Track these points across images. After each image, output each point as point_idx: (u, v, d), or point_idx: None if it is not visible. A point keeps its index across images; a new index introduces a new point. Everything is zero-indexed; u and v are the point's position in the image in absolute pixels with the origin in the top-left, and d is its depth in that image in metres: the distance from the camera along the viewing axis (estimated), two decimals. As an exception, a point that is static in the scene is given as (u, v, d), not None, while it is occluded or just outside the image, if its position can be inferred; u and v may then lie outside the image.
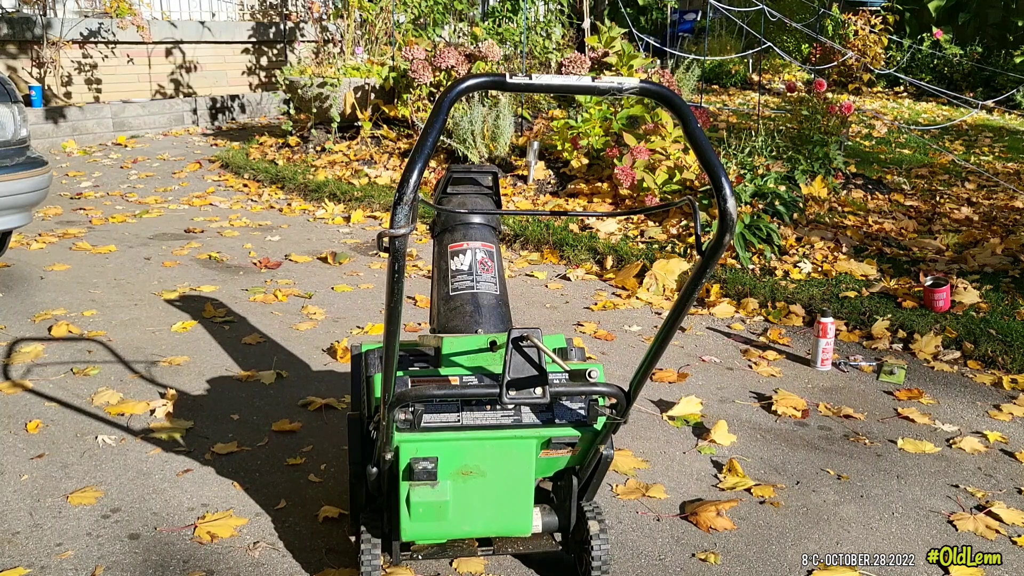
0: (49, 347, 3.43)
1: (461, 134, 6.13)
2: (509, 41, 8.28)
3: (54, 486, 2.47)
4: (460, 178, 2.29)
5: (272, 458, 2.65)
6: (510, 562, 2.17)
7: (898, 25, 12.27)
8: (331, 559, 2.17)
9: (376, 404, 1.81)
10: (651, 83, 1.41)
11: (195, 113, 8.81)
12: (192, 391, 3.09)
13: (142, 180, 6.57)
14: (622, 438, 2.80)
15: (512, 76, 1.36)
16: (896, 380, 3.33)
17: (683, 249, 4.56)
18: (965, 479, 2.64)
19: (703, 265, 1.52)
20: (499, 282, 2.21)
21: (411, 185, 1.31)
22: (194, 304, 3.96)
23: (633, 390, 1.76)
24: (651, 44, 10.01)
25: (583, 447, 1.90)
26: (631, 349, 3.58)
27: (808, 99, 5.74)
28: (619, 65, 6.41)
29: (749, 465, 2.69)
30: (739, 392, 3.22)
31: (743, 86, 12.01)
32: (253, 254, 4.77)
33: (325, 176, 6.31)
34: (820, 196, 5.38)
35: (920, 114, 9.81)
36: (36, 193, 3.99)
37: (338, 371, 3.29)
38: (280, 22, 9.73)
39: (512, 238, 5.04)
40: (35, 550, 2.18)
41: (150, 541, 2.23)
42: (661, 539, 2.29)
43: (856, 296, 3.98)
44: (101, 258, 4.63)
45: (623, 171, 5.17)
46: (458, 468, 1.82)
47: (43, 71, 7.93)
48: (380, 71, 7.07)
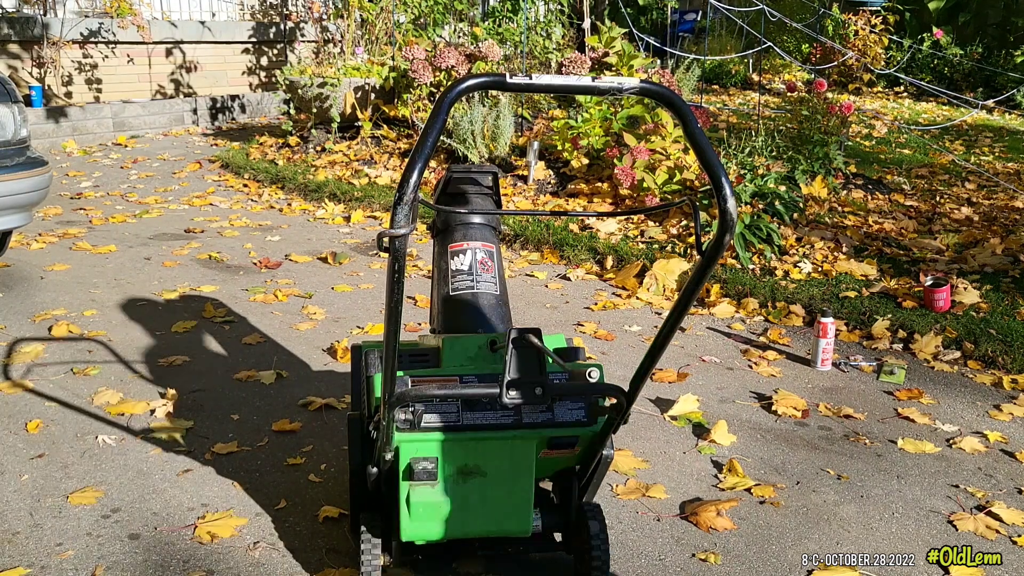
0: (49, 347, 3.44)
1: (461, 134, 6.13)
2: (509, 41, 8.27)
3: (54, 486, 2.47)
4: (460, 178, 2.30)
5: (272, 458, 2.65)
6: (510, 562, 2.17)
7: (898, 25, 12.26)
8: (331, 559, 2.17)
9: (376, 404, 1.81)
10: (651, 83, 1.41)
11: (195, 113, 8.81)
12: (192, 391, 3.09)
13: (142, 180, 6.58)
14: (622, 438, 2.80)
15: (512, 76, 1.36)
16: (896, 380, 3.33)
17: (683, 249, 4.56)
18: (965, 479, 2.64)
19: (703, 265, 1.52)
20: (499, 282, 2.21)
21: (411, 185, 1.31)
22: (194, 304, 3.96)
23: (633, 390, 1.76)
24: (651, 44, 10.00)
25: (583, 447, 1.90)
26: (631, 349, 3.58)
27: (808, 99, 5.74)
28: (619, 65, 6.41)
29: (749, 465, 2.69)
30: (739, 392, 3.22)
31: (743, 86, 12.01)
32: (253, 254, 4.77)
33: (325, 176, 6.31)
34: (820, 196, 5.38)
35: (920, 114, 9.81)
36: (36, 193, 3.99)
37: (338, 371, 3.29)
38: (280, 22, 9.73)
39: (512, 238, 5.04)
40: (35, 550, 2.18)
41: (150, 541, 2.23)
42: (661, 539, 2.29)
43: (856, 296, 3.98)
44: (101, 258, 4.63)
45: (623, 171, 5.17)
46: (458, 468, 1.82)
47: (43, 71, 7.93)
48: (380, 71, 7.07)
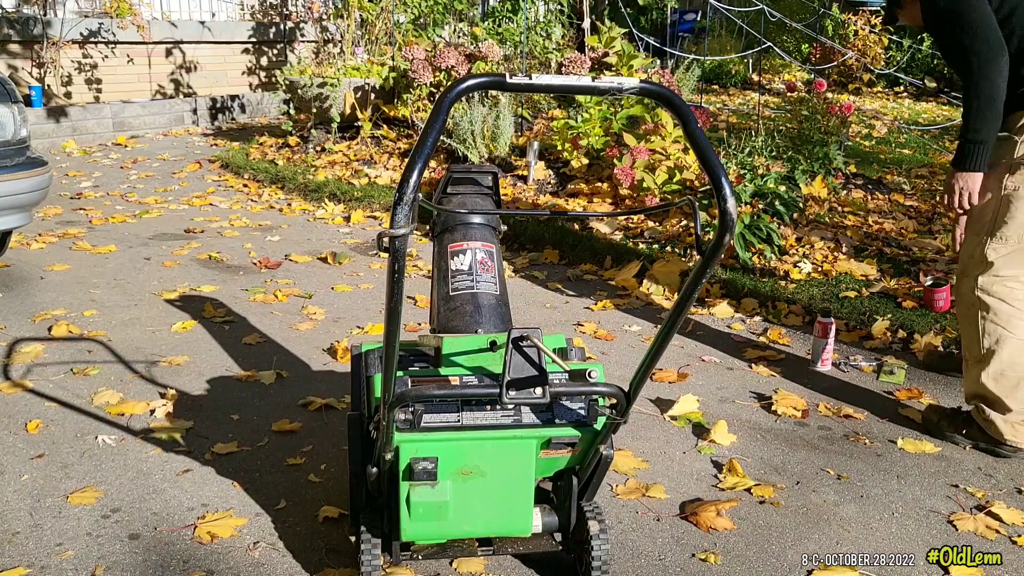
0: (49, 347, 3.43)
1: (461, 134, 6.13)
2: (509, 41, 8.27)
3: (54, 486, 2.47)
4: (460, 178, 2.29)
5: (272, 458, 2.65)
6: (510, 562, 2.17)
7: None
8: (331, 559, 2.17)
9: (376, 404, 1.81)
10: (651, 83, 1.41)
11: (195, 113, 8.81)
12: (192, 391, 3.09)
13: (142, 180, 6.57)
14: (622, 438, 2.80)
15: (512, 76, 1.36)
16: (896, 380, 3.33)
17: (683, 249, 4.56)
18: (965, 479, 2.64)
19: (703, 265, 1.52)
20: (499, 282, 2.21)
21: (411, 185, 1.31)
22: (194, 304, 3.96)
23: (633, 390, 1.76)
24: (651, 44, 10.00)
25: (583, 447, 1.90)
26: (631, 349, 3.58)
27: (808, 99, 5.74)
28: (619, 65, 6.41)
29: (749, 465, 2.69)
30: (739, 392, 3.22)
31: (743, 86, 12.01)
32: (253, 254, 4.77)
33: (325, 176, 6.30)
34: (820, 196, 5.38)
35: (920, 114, 9.81)
36: (36, 193, 3.99)
37: (338, 371, 3.28)
38: (280, 22, 9.73)
39: (512, 238, 5.04)
40: (35, 550, 2.18)
41: (150, 541, 2.23)
42: (661, 539, 2.29)
43: (856, 296, 3.98)
44: (101, 258, 4.63)
45: (623, 171, 5.17)
46: (458, 468, 1.82)
47: (43, 71, 7.93)
48: (380, 71, 7.06)
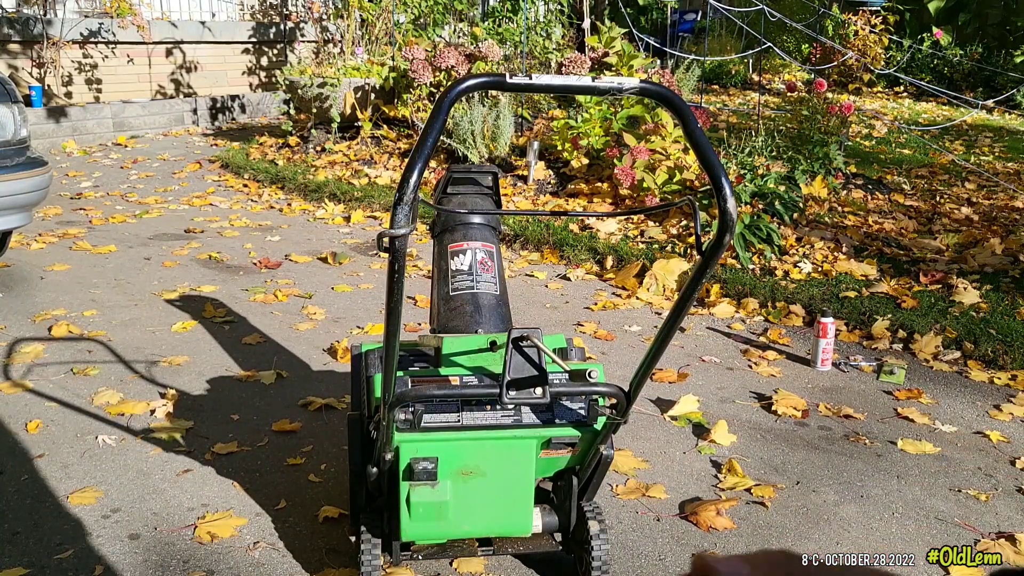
0: (49, 347, 3.43)
1: (461, 134, 6.13)
2: (509, 41, 8.27)
3: (54, 486, 2.47)
4: (460, 178, 2.29)
5: (272, 458, 2.65)
6: (510, 562, 2.17)
7: (898, 25, 12.26)
8: (331, 559, 2.17)
9: (376, 404, 1.81)
10: (651, 83, 1.41)
11: (195, 113, 8.81)
12: (192, 391, 3.09)
13: (142, 180, 6.57)
14: (622, 438, 2.80)
15: (512, 76, 1.36)
16: (896, 380, 3.33)
17: (683, 249, 4.56)
18: (965, 479, 2.64)
19: (703, 265, 1.52)
20: (499, 282, 2.21)
21: (411, 185, 1.31)
22: (194, 304, 3.96)
23: (633, 390, 1.76)
24: (651, 44, 10.00)
25: (583, 447, 1.90)
26: (631, 349, 3.58)
27: (808, 99, 5.74)
28: (619, 65, 6.41)
29: (749, 465, 2.69)
30: (739, 392, 3.22)
31: (743, 86, 12.00)
32: (253, 254, 4.77)
33: (325, 176, 6.30)
34: (820, 196, 5.38)
35: (920, 114, 9.81)
36: (36, 193, 3.99)
37: (338, 371, 3.28)
38: (280, 22, 9.73)
39: (512, 238, 5.04)
40: (35, 550, 2.18)
41: (150, 541, 2.23)
42: (661, 539, 2.29)
43: (856, 296, 3.98)
44: (101, 258, 4.63)
45: (623, 171, 5.17)
46: (458, 468, 1.82)
47: (43, 71, 7.93)
48: (380, 71, 7.06)
